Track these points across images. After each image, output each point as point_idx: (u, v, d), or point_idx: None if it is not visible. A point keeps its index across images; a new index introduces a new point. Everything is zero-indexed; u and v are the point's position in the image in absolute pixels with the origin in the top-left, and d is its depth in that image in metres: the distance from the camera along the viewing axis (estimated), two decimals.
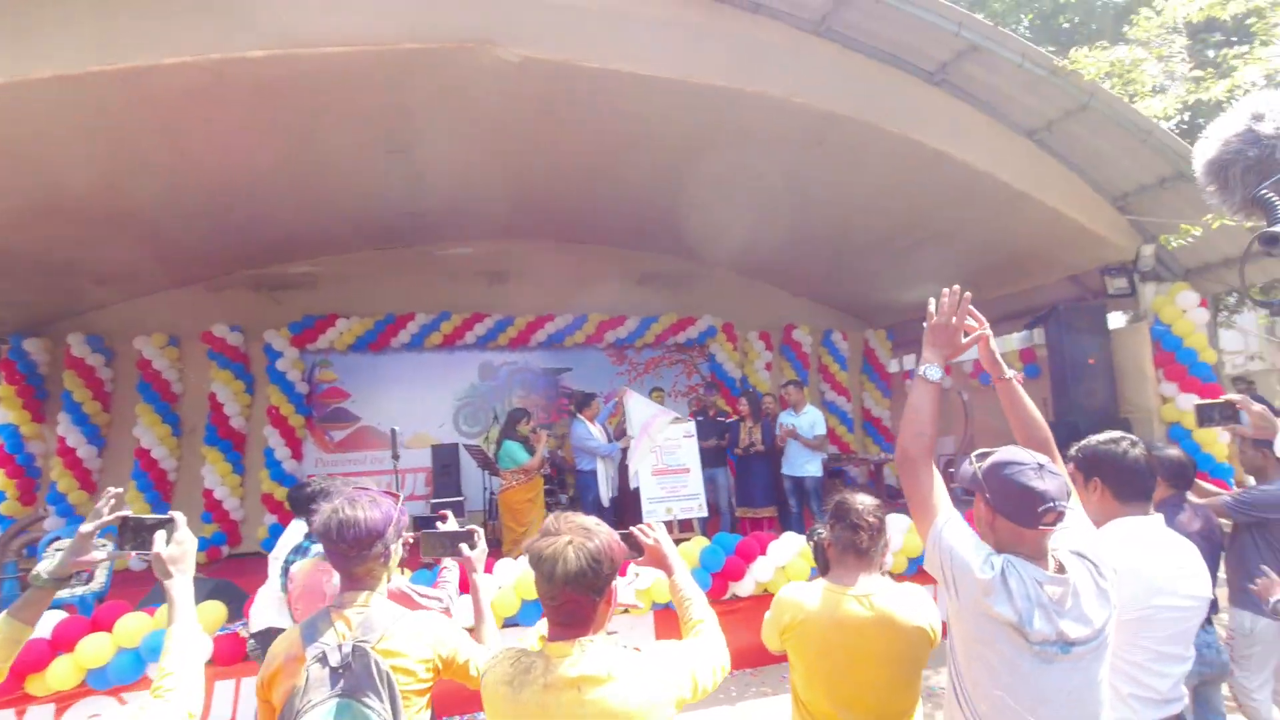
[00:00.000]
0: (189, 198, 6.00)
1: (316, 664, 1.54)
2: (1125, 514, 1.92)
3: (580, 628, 1.41)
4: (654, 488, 6.04)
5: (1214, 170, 1.37)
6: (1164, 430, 6.31)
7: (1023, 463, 1.49)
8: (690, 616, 1.70)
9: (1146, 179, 5.95)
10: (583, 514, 1.50)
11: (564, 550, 1.37)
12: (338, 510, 1.69)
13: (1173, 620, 1.81)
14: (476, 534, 2.11)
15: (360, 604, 1.66)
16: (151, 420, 7.64)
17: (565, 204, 7.87)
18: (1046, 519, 1.42)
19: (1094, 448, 1.98)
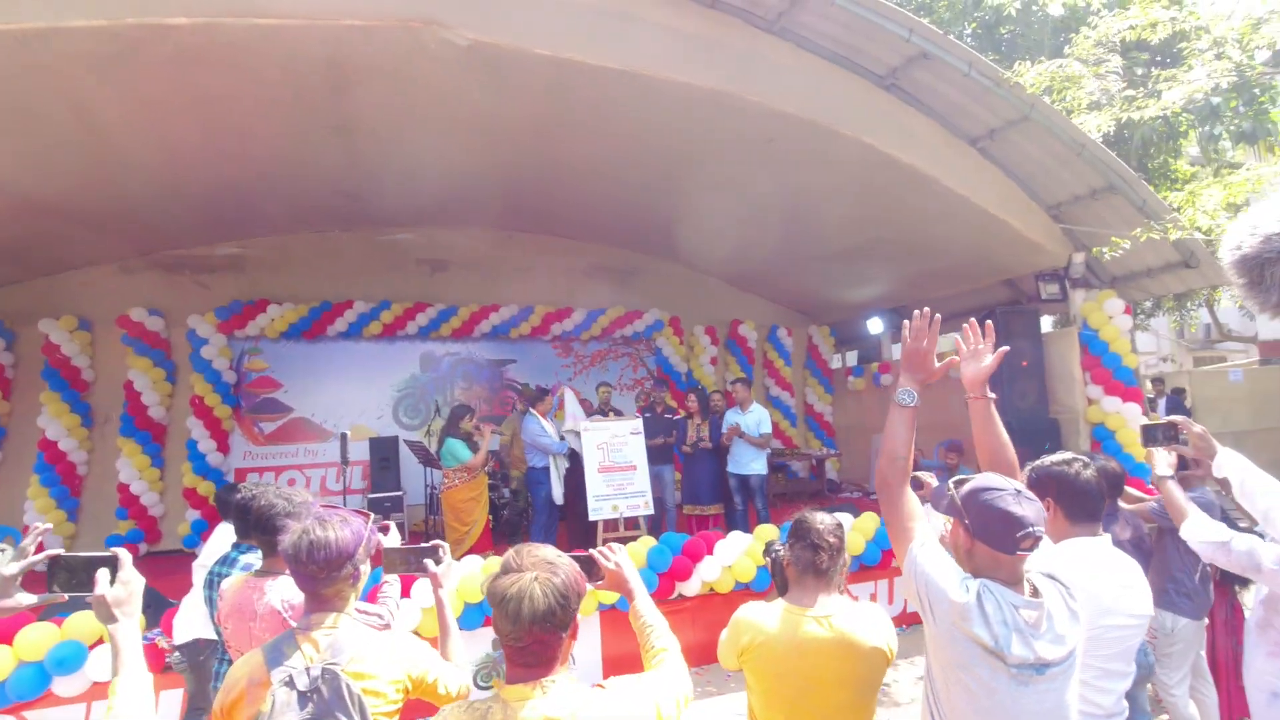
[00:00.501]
0: (99, 171, 5.56)
1: (284, 688, 1.49)
2: (1076, 534, 1.96)
3: (544, 668, 1.34)
4: (600, 485, 5.97)
5: (1249, 266, 1.32)
6: (1088, 430, 6.62)
7: (1001, 489, 1.49)
8: (652, 645, 1.65)
9: (1079, 190, 6.19)
10: (538, 546, 1.42)
11: (530, 588, 1.29)
12: (308, 531, 1.63)
13: (1118, 639, 1.85)
14: (442, 549, 2.02)
15: (328, 626, 1.62)
16: (58, 410, 7.09)
17: (512, 193, 7.66)
18: (1025, 544, 1.43)
19: (1047, 468, 2.01)
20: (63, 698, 3.59)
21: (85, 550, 1.47)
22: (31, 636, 3.51)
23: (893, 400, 1.65)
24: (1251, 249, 1.31)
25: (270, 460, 8.15)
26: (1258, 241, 1.31)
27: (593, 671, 4.56)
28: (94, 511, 7.25)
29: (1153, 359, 14.88)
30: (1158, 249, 6.16)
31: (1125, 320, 6.53)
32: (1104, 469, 2.99)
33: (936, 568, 1.48)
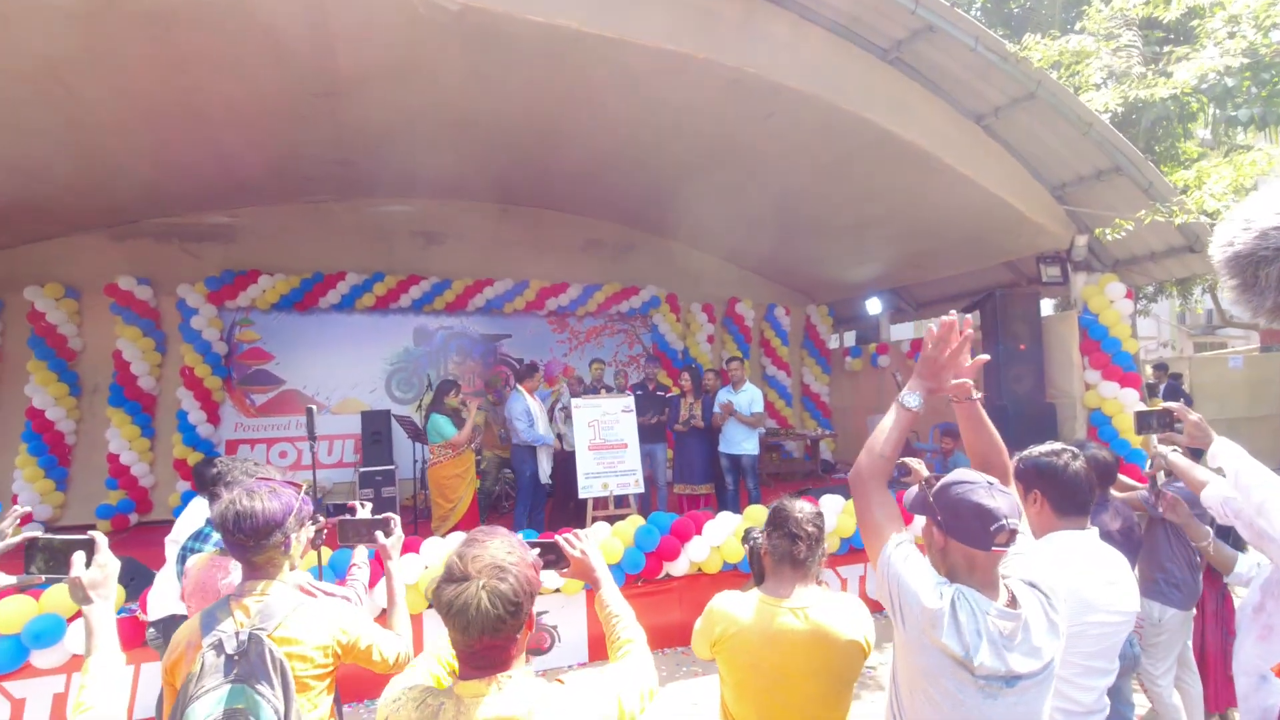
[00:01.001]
0: (78, 135, 5.42)
1: (211, 651, 1.56)
2: (1063, 527, 1.91)
3: (498, 667, 1.28)
4: (591, 462, 5.92)
5: (1242, 265, 1.19)
6: (1086, 415, 6.56)
7: (972, 481, 1.42)
8: (618, 636, 1.59)
9: (1084, 170, 6.05)
10: (490, 534, 1.34)
11: (476, 599, 1.22)
12: (235, 501, 1.69)
13: (1102, 635, 1.80)
14: (392, 521, 2.10)
15: (259, 593, 1.68)
16: (46, 378, 7.03)
17: (507, 164, 7.51)
18: (999, 539, 1.36)
19: (1035, 460, 1.95)
20: (41, 669, 3.57)
21: (66, 530, 1.53)
22: (8, 610, 3.48)
23: (897, 399, 1.56)
24: (1245, 246, 1.19)
25: (261, 432, 8.10)
26: (1252, 238, 1.19)
27: (578, 650, 4.55)
28: (83, 481, 7.22)
29: (1153, 344, 14.79)
30: (1162, 233, 6.05)
31: (1126, 305, 6.43)
32: (1095, 458, 2.92)
33: (910, 571, 1.40)
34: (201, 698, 1.52)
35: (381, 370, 8.67)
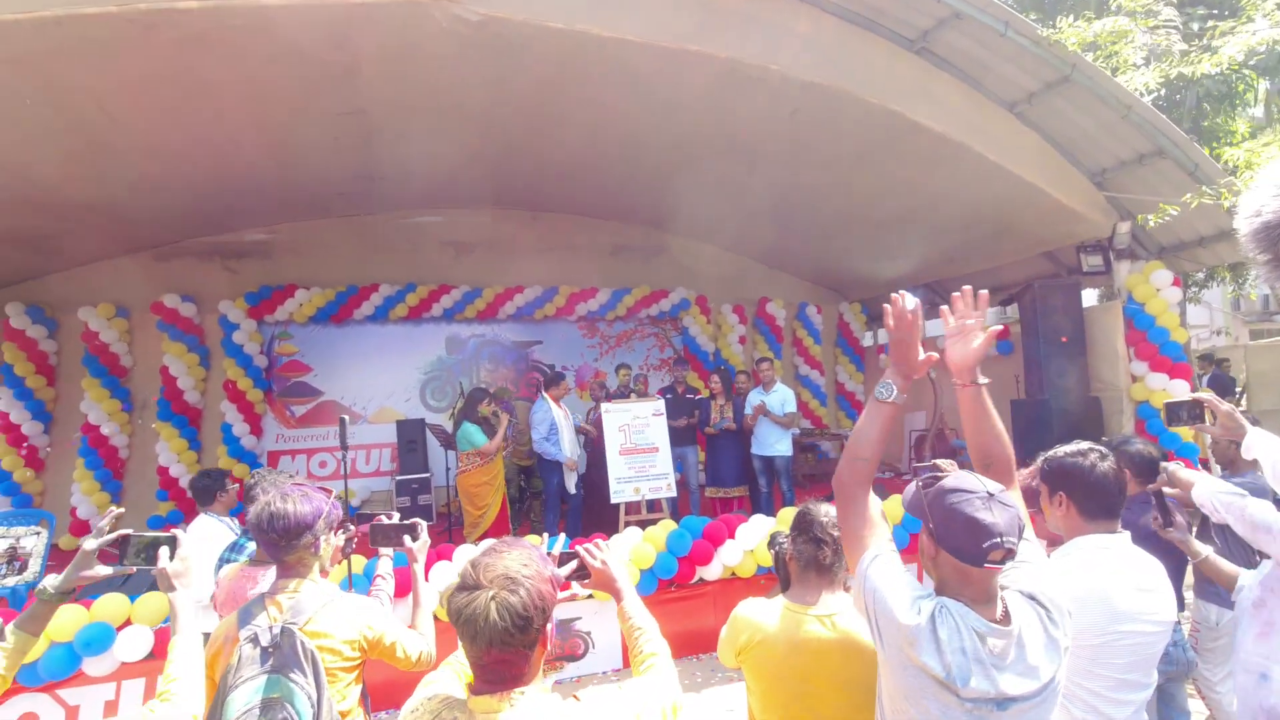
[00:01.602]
0: (122, 161, 5.63)
1: (248, 644, 1.66)
2: (1090, 531, 1.82)
3: (512, 682, 1.26)
4: (622, 467, 5.91)
5: (1272, 236, 1.08)
6: (1133, 409, 6.32)
7: (971, 491, 1.31)
8: (640, 650, 1.55)
9: (1125, 155, 5.84)
10: (512, 544, 1.33)
11: (485, 610, 1.19)
12: (270, 504, 1.82)
13: (1135, 647, 1.69)
14: (419, 526, 2.20)
15: (291, 590, 1.81)
16: (100, 395, 7.31)
17: (535, 172, 7.57)
18: (993, 557, 1.25)
19: (1061, 460, 1.86)
20: (93, 677, 3.69)
21: (139, 530, 1.72)
22: (60, 619, 3.61)
23: (871, 393, 1.48)
24: (1274, 215, 1.09)
25: (302, 443, 8.29)
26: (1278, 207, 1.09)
27: (611, 657, 4.54)
28: (136, 493, 7.48)
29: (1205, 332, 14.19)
30: (1210, 216, 5.79)
31: (1174, 292, 6.18)
32: (1138, 454, 2.81)
33: (887, 584, 1.31)
34: (240, 687, 1.62)
35: (416, 379, 8.80)
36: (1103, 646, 1.67)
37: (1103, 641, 1.67)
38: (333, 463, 8.34)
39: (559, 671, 4.58)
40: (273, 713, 1.60)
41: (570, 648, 4.58)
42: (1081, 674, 1.66)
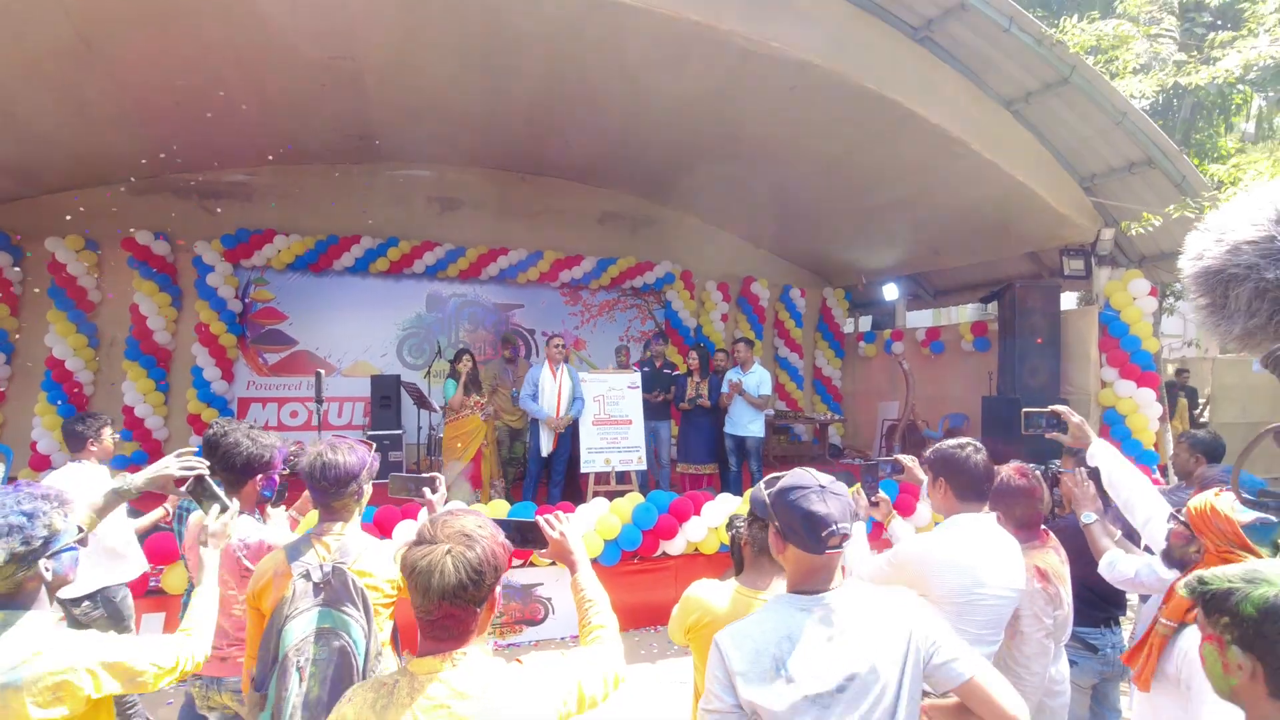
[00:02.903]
0: (99, 92, 5.43)
1: (302, 579, 1.80)
2: (962, 510, 2.12)
3: (456, 641, 1.29)
4: (594, 438, 5.93)
5: (1210, 283, 1.04)
6: (1099, 413, 6.45)
7: (805, 486, 1.44)
8: (590, 621, 1.59)
9: (1116, 162, 5.86)
10: (466, 511, 1.37)
11: (441, 561, 1.24)
12: (322, 454, 1.96)
13: (991, 608, 1.98)
14: (438, 479, 2.30)
15: (337, 532, 1.95)
16: (65, 329, 7.14)
17: (526, 132, 7.43)
18: (831, 543, 1.38)
19: (943, 450, 2.17)
20: None
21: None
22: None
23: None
24: (1215, 261, 1.06)
25: (273, 391, 8.20)
26: (1223, 251, 1.05)
27: (570, 622, 4.60)
28: None
29: (1177, 343, 14.46)
30: (1191, 228, 5.85)
31: (1149, 302, 6.27)
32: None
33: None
34: (298, 617, 1.76)
35: (393, 335, 8.71)
36: (966, 605, 1.95)
37: (967, 601, 1.96)
38: (304, 413, 8.26)
39: (518, 635, 4.64)
40: (329, 640, 1.75)
41: (530, 612, 4.64)
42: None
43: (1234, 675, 1.10)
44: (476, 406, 5.94)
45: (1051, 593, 2.19)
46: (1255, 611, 1.07)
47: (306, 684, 1.72)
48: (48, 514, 1.50)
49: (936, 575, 1.99)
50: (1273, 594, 1.06)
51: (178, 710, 2.99)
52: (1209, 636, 1.15)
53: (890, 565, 2.15)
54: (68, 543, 1.54)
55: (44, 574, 1.49)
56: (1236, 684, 1.11)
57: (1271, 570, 1.11)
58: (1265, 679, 1.07)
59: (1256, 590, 1.08)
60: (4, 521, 1.44)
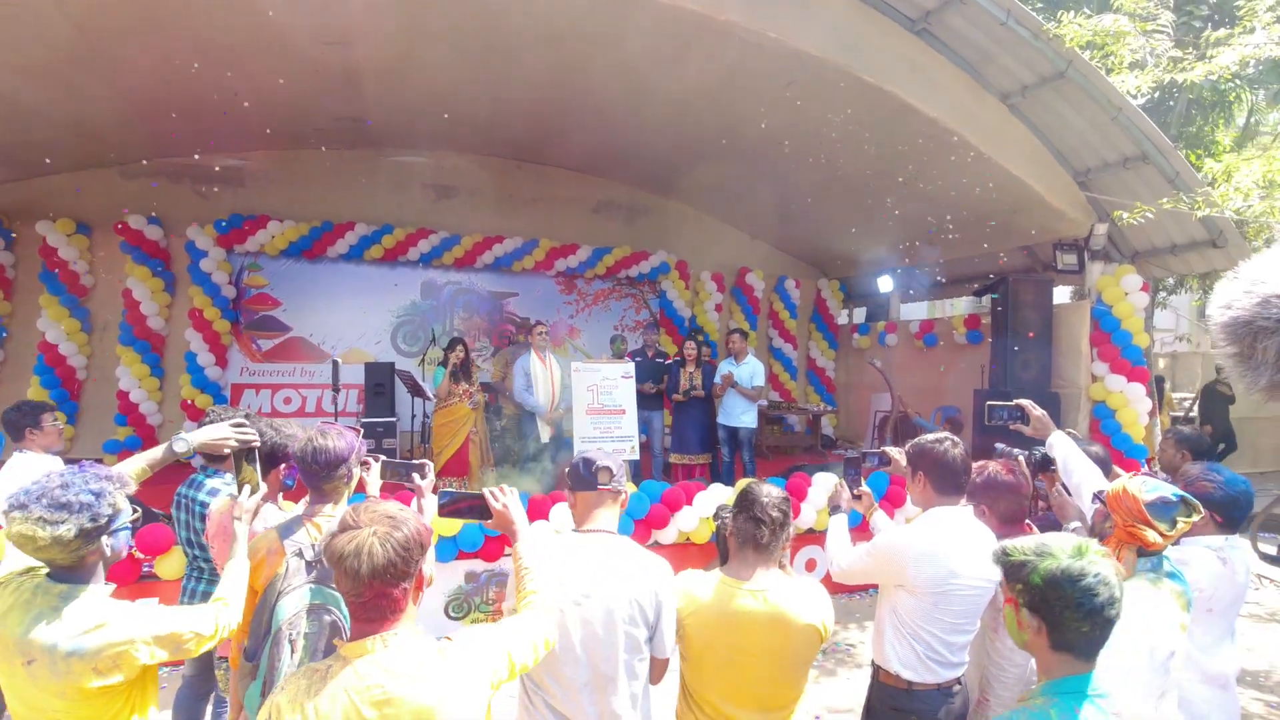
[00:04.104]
0: (90, 74, 5.39)
1: (295, 557, 1.88)
2: (940, 504, 2.17)
3: (387, 621, 1.33)
4: (587, 427, 5.95)
5: (1239, 333, 1.07)
6: (1089, 407, 6.49)
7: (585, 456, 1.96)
8: (525, 587, 1.69)
9: (1111, 156, 5.87)
10: (386, 501, 1.44)
11: (368, 543, 1.29)
12: (313, 439, 2.02)
13: (967, 598, 2.03)
14: (427, 466, 2.32)
15: (327, 513, 2.01)
16: (58, 314, 7.12)
17: (523, 120, 7.40)
18: (601, 478, 1.88)
19: (922, 445, 2.23)
20: None
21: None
22: None
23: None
24: (1244, 312, 1.09)
25: (267, 378, 8.20)
26: (1253, 303, 1.09)
27: None
28: (93, 416, 7.37)
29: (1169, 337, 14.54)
30: (1184, 225, 5.89)
31: (1141, 298, 6.30)
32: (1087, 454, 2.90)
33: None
34: (291, 593, 1.84)
35: (388, 322, 8.69)
36: (943, 595, 2.01)
37: (944, 591, 2.01)
38: (297, 399, 8.27)
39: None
40: (320, 614, 1.84)
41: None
42: (926, 618, 2.03)
43: (1025, 631, 1.36)
44: (464, 395, 5.98)
45: None
46: (1041, 581, 1.31)
47: (299, 655, 1.80)
48: (112, 494, 1.60)
49: (914, 566, 2.04)
50: (1056, 567, 1.30)
51: (174, 694, 3.03)
52: (1009, 599, 1.39)
53: (869, 556, 2.19)
54: (125, 522, 1.66)
55: (105, 550, 1.60)
56: (1027, 638, 1.36)
57: (1058, 545, 1.34)
58: (1048, 635, 1.32)
59: (1044, 563, 1.32)
60: (75, 499, 1.54)
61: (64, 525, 1.51)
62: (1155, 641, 1.70)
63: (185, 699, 3.01)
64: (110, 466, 1.93)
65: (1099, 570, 1.29)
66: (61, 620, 1.53)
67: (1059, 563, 1.30)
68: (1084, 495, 2.31)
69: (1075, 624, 1.29)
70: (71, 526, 1.52)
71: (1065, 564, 1.30)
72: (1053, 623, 1.31)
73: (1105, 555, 1.34)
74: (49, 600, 1.56)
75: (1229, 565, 2.09)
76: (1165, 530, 1.75)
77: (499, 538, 4.55)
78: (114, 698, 1.58)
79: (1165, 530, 1.75)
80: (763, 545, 1.81)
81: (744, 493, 1.88)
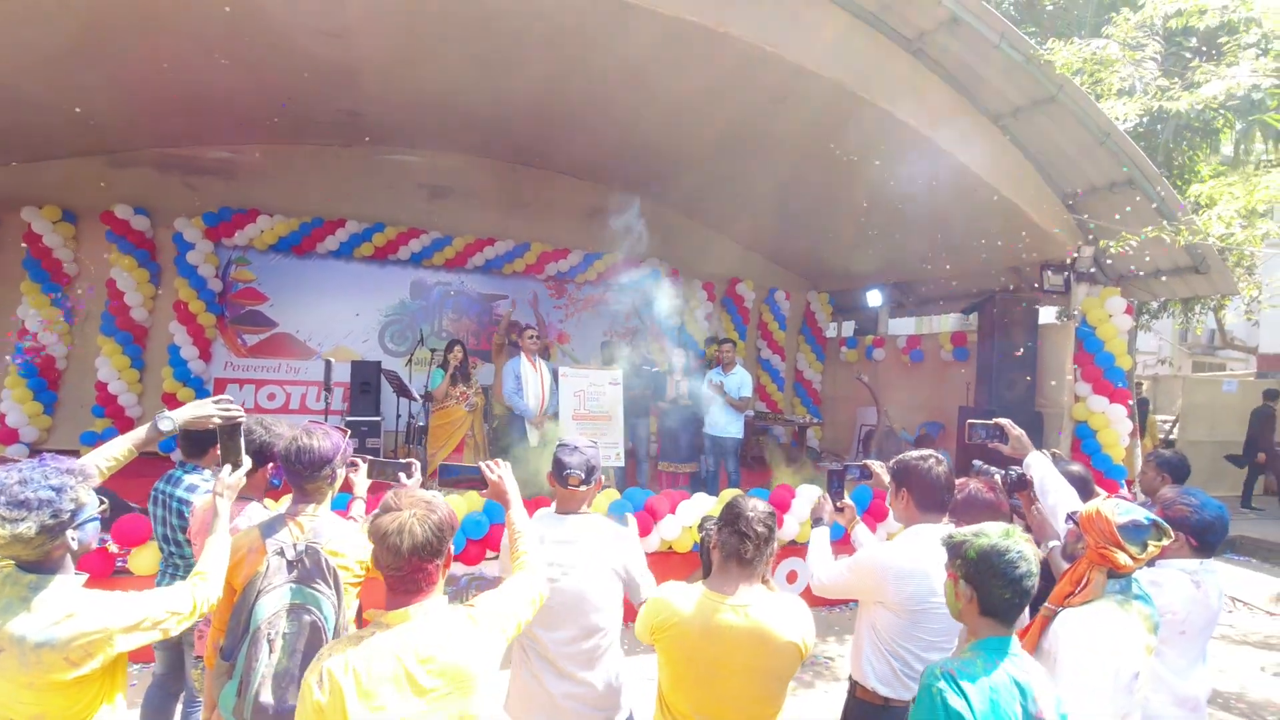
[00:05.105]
0: (82, 60, 5.34)
1: (276, 556, 1.87)
2: (923, 520, 2.18)
3: (423, 592, 1.52)
4: (573, 432, 5.93)
5: None
6: (1072, 427, 6.56)
7: (565, 444, 2.24)
8: (518, 549, 1.91)
9: (1098, 180, 5.96)
10: (419, 489, 1.70)
11: (409, 523, 1.47)
12: (298, 439, 2.04)
13: (944, 616, 1.98)
14: (414, 465, 2.35)
15: (310, 513, 2.04)
16: (39, 302, 7.01)
17: (518, 123, 7.40)
18: (571, 481, 2.17)
19: (906, 461, 2.25)
20: None
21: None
22: None
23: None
24: None
25: (252, 373, 8.11)
26: None
27: None
28: (71, 407, 7.26)
29: (1152, 360, 14.74)
30: (1168, 251, 5.97)
31: (1125, 320, 6.39)
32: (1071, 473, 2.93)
33: None
34: (271, 592, 1.84)
35: (376, 321, 8.64)
36: (923, 613, 2.04)
37: (923, 609, 2.04)
38: (281, 396, 8.19)
39: None
40: (300, 615, 1.84)
41: None
42: (904, 635, 2.07)
43: (960, 601, 1.58)
44: (461, 398, 5.96)
45: None
46: (975, 555, 1.54)
47: (277, 655, 1.81)
48: (74, 488, 1.56)
49: (894, 583, 2.05)
50: (988, 544, 1.54)
51: (143, 691, 2.98)
52: (950, 574, 1.62)
53: (850, 571, 2.20)
54: (91, 514, 1.62)
55: (70, 544, 1.56)
56: (961, 607, 1.59)
57: (991, 528, 1.57)
58: (979, 603, 1.54)
59: (978, 540, 1.55)
60: (34, 496, 1.50)
61: (24, 523, 1.47)
62: (1121, 663, 1.72)
63: (155, 697, 2.96)
64: (88, 453, 1.90)
65: (1021, 549, 1.52)
66: (30, 611, 1.49)
67: (990, 540, 1.54)
68: (1059, 516, 2.34)
69: (1000, 591, 1.51)
70: (32, 524, 1.48)
71: (994, 541, 1.53)
72: (982, 591, 1.53)
73: (1028, 540, 1.56)
74: (17, 590, 1.52)
75: (1202, 589, 2.11)
76: (1136, 553, 1.78)
77: (480, 541, 4.54)
78: (85, 688, 1.55)
79: (1136, 553, 1.78)
80: (746, 560, 1.81)
81: (729, 506, 1.88)
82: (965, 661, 1.51)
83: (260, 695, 1.79)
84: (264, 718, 1.80)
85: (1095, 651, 1.69)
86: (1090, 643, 1.71)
